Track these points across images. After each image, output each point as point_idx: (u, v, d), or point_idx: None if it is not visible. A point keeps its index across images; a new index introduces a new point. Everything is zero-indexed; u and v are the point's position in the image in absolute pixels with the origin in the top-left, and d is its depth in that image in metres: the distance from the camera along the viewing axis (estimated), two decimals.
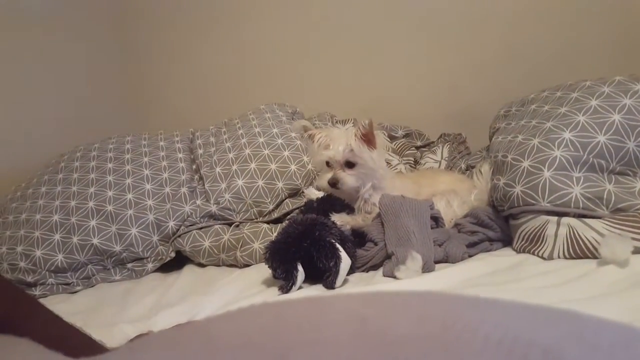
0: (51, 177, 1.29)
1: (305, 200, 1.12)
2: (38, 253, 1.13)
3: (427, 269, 0.87)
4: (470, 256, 0.93)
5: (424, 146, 1.48)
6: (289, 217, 1.21)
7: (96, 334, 0.68)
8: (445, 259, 0.93)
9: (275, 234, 1.06)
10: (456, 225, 1.02)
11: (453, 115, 1.63)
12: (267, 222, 1.21)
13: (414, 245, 0.89)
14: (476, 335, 0.23)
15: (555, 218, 0.88)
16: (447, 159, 1.36)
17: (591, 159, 0.91)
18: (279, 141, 1.32)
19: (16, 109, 1.52)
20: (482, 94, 1.58)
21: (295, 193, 1.27)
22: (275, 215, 1.23)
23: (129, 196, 1.22)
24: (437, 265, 0.91)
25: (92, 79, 1.83)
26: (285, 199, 1.26)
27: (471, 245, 0.97)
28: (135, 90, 1.98)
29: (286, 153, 1.29)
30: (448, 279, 0.84)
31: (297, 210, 1.21)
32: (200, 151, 1.38)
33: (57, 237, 1.15)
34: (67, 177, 1.27)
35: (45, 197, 1.23)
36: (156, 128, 1.54)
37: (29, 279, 1.12)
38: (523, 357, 0.21)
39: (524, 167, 0.94)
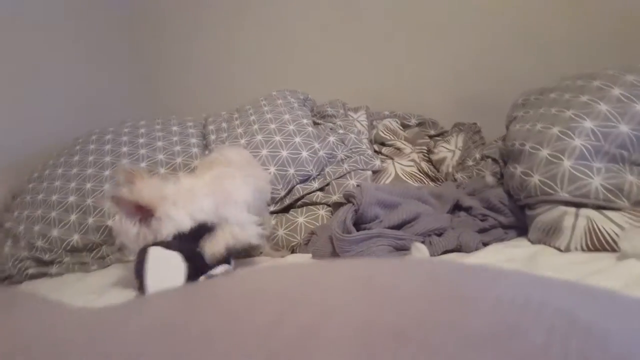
0: (67, 159, 1.30)
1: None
2: (55, 233, 1.15)
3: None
4: (484, 244, 0.92)
5: (437, 135, 1.46)
6: (300, 202, 1.21)
7: None
8: (459, 249, 0.92)
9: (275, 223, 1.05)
10: (467, 208, 1.01)
11: (467, 104, 1.60)
12: (276, 212, 1.21)
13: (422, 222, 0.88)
14: (488, 295, 0.22)
15: (574, 209, 0.86)
16: (461, 148, 1.34)
17: (613, 149, 0.89)
18: (291, 127, 1.31)
19: (32, 94, 1.53)
20: (498, 84, 1.54)
21: (306, 179, 1.26)
22: (287, 201, 1.22)
23: None
24: (451, 255, 0.90)
25: (107, 65, 1.84)
26: (296, 185, 1.25)
27: (482, 230, 0.95)
28: (149, 76, 1.98)
29: (297, 139, 1.28)
30: None
31: (307, 196, 1.21)
32: (213, 137, 1.38)
33: (73, 217, 1.16)
34: (83, 159, 1.28)
35: (62, 178, 1.24)
36: (169, 113, 1.55)
37: (46, 257, 1.14)
38: (537, 313, 0.20)
39: (543, 155, 0.92)
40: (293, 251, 1.11)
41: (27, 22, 1.52)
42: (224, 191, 0.89)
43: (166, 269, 0.76)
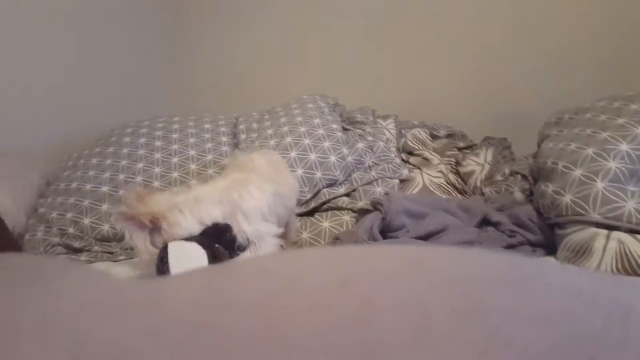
0: (102, 149, 1.34)
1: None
2: (86, 221, 1.18)
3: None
4: None
5: (466, 148, 1.46)
6: (325, 206, 1.22)
7: None
8: None
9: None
10: (495, 223, 1.00)
11: (498, 119, 1.60)
12: (301, 215, 1.22)
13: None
14: (539, 281, 0.23)
15: (605, 231, 0.85)
16: (490, 162, 1.33)
17: None
18: (320, 131, 1.33)
19: (72, 86, 1.58)
20: (530, 101, 1.54)
21: (332, 184, 1.28)
22: (313, 205, 1.24)
23: (175, 174, 1.26)
24: None
25: (144, 61, 1.89)
26: (322, 189, 1.26)
27: (509, 247, 0.95)
28: (184, 73, 2.03)
29: (326, 144, 1.29)
30: None
31: (333, 201, 1.22)
32: (243, 136, 1.40)
33: (104, 207, 1.20)
34: (117, 151, 1.32)
35: (96, 168, 1.28)
36: (202, 111, 1.58)
37: (76, 244, 1.17)
38: (592, 300, 0.21)
39: (576, 175, 0.91)
40: None
41: (70, 20, 1.57)
42: (231, 203, 0.88)
43: (188, 259, 0.76)
